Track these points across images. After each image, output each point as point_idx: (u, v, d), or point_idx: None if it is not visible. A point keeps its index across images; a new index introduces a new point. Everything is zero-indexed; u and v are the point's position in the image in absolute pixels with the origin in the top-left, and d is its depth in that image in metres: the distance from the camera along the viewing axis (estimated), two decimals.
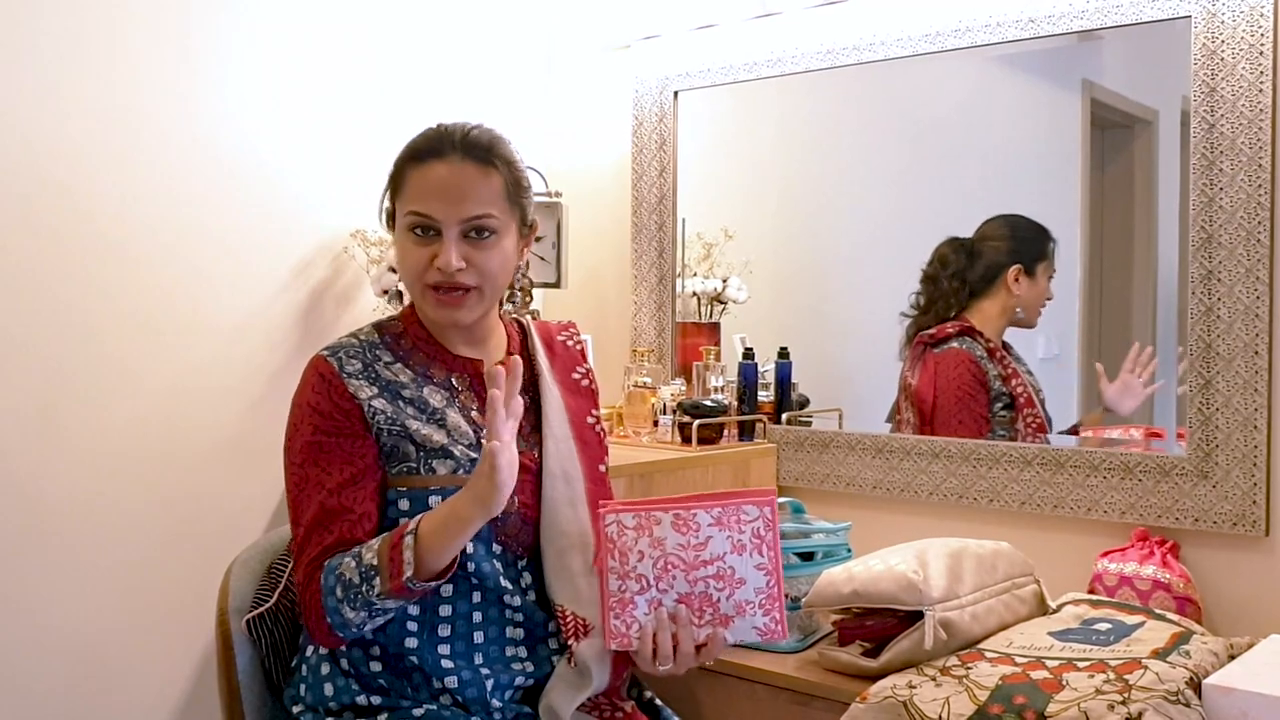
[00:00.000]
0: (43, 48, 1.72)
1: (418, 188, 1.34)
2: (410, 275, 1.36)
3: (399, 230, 1.37)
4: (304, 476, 1.34)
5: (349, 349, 1.39)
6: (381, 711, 1.33)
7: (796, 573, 1.67)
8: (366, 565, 1.27)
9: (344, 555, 1.30)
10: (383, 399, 1.35)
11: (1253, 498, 1.68)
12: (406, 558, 1.25)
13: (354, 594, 1.27)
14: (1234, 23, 1.67)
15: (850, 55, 2.08)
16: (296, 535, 1.34)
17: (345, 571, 1.28)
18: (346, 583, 1.27)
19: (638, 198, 2.36)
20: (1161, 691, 1.32)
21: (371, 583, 1.26)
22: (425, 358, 1.41)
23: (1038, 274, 1.99)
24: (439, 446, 1.35)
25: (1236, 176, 1.68)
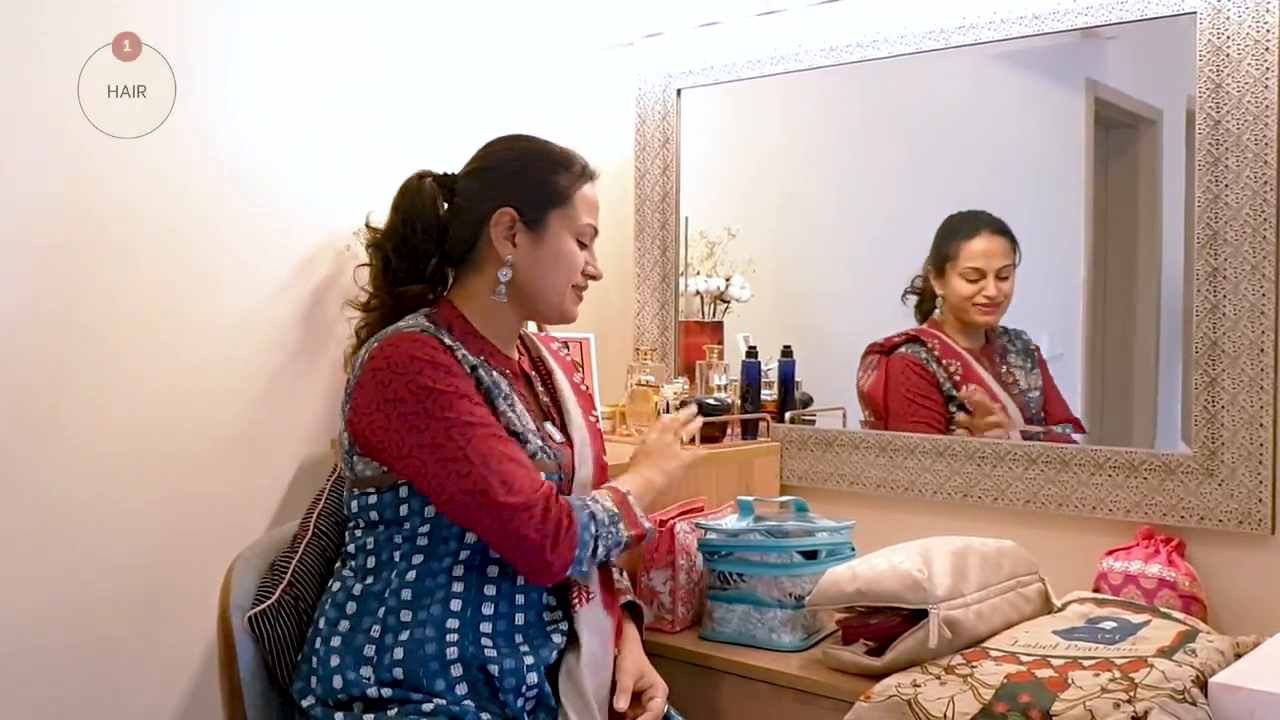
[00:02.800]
0: (42, 47, 1.72)
1: (588, 204, 1.53)
2: (569, 274, 1.52)
3: (564, 235, 1.50)
4: (467, 424, 1.36)
5: (429, 329, 1.43)
6: (392, 705, 1.34)
7: (800, 571, 1.67)
8: (611, 511, 1.45)
9: (579, 499, 1.44)
10: (478, 371, 1.43)
11: (1258, 495, 1.67)
12: (638, 511, 1.48)
13: (606, 532, 1.43)
14: (1239, 18, 1.67)
15: (853, 52, 2.07)
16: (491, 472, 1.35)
17: (596, 512, 1.43)
18: (600, 520, 1.43)
19: (640, 196, 2.36)
20: (1167, 690, 1.32)
21: (618, 525, 1.45)
22: (477, 350, 1.47)
23: (946, 273, 1.99)
24: (519, 430, 1.44)
25: (1242, 173, 1.67)
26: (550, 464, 1.46)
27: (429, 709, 1.33)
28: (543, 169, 1.51)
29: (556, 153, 1.54)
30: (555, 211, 1.50)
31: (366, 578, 1.42)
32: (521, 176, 1.51)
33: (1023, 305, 2.00)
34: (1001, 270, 1.96)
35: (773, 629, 1.66)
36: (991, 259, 1.95)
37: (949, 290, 2.00)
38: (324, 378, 2.06)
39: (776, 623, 1.66)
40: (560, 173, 1.51)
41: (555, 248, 1.50)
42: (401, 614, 1.38)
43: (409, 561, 1.40)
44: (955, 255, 1.98)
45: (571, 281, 1.52)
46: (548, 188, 1.50)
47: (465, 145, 1.62)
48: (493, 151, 1.55)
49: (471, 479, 1.34)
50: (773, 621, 1.66)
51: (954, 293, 1.99)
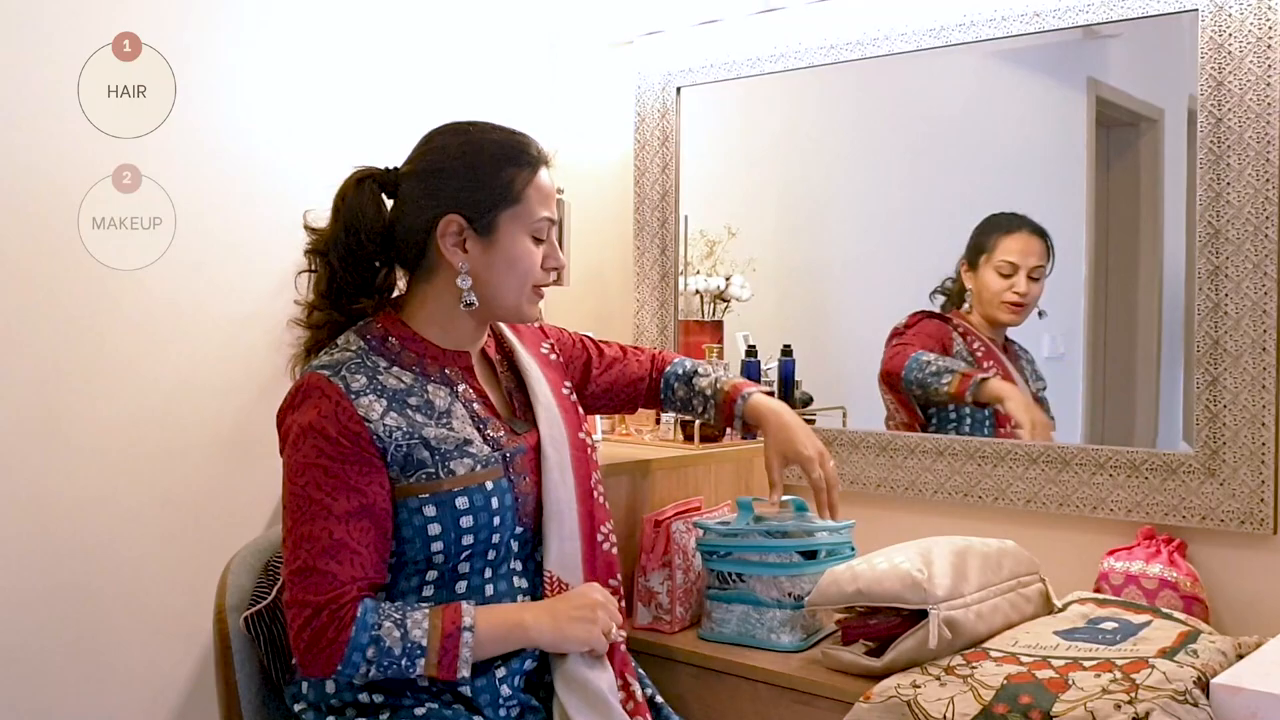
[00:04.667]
0: (41, 46, 1.71)
1: (541, 195, 1.42)
2: (529, 277, 1.43)
3: (518, 234, 1.41)
4: (307, 499, 1.31)
5: (348, 364, 1.36)
6: (384, 710, 1.33)
7: (800, 571, 1.66)
8: (413, 643, 1.29)
9: (379, 614, 1.30)
10: (393, 413, 1.35)
11: (1260, 495, 1.66)
12: (464, 655, 1.30)
13: (388, 661, 1.28)
14: (1241, 15, 1.66)
15: (854, 50, 2.07)
16: (298, 558, 1.30)
17: (385, 637, 1.29)
18: (384, 649, 1.28)
19: (640, 194, 2.35)
20: (1169, 691, 1.31)
21: (415, 660, 1.29)
22: (416, 356, 1.41)
23: (980, 266, 1.98)
24: (454, 447, 1.36)
25: (1244, 171, 1.67)
26: (495, 469, 1.38)
27: (421, 714, 1.33)
28: (489, 166, 1.40)
29: (502, 144, 1.42)
30: (506, 212, 1.40)
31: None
32: (466, 178, 1.39)
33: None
34: (1034, 270, 1.95)
35: (772, 629, 1.66)
36: (1027, 257, 1.95)
37: (980, 283, 1.99)
38: None
39: (776, 623, 1.65)
40: (507, 168, 1.40)
41: (508, 251, 1.40)
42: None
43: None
44: (992, 248, 1.97)
45: (530, 282, 1.43)
46: (496, 187, 1.39)
47: None
48: (434, 148, 1.43)
49: (288, 553, 1.32)
50: (772, 622, 1.65)
51: (985, 286, 1.98)
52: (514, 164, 1.41)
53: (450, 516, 1.35)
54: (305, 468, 1.32)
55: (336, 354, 1.39)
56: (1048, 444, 1.88)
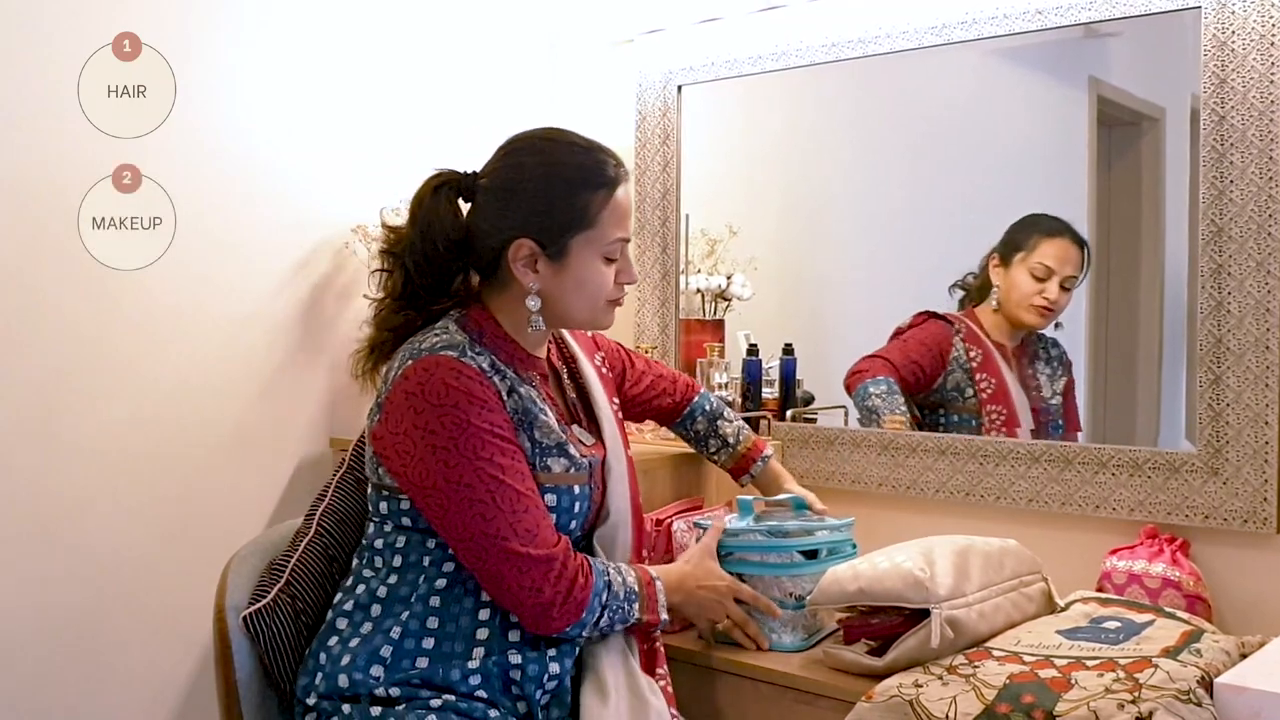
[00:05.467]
0: (41, 46, 1.71)
1: (616, 216, 1.42)
2: (600, 295, 1.44)
3: (591, 258, 1.41)
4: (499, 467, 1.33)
5: (469, 346, 1.38)
6: (399, 702, 1.33)
7: (800, 571, 1.66)
8: (630, 589, 1.43)
9: (601, 563, 1.41)
10: (513, 394, 1.39)
11: (1263, 494, 1.66)
12: (661, 600, 1.46)
13: (615, 605, 1.41)
14: (1244, 13, 1.65)
15: (855, 48, 2.06)
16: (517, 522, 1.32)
17: (614, 582, 1.41)
18: (614, 593, 1.40)
19: (641, 193, 2.35)
20: (1172, 690, 1.30)
21: (631, 604, 1.43)
22: (508, 357, 1.43)
23: (1012, 263, 1.96)
24: (554, 445, 1.41)
25: (1247, 169, 1.66)
26: (583, 475, 1.43)
27: (437, 704, 1.33)
28: (565, 190, 1.39)
29: (580, 166, 1.41)
30: (579, 236, 1.40)
31: (390, 577, 1.40)
32: (541, 201, 1.39)
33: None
34: (1068, 280, 1.92)
35: (773, 629, 1.65)
36: (1064, 264, 1.92)
37: (1009, 282, 1.96)
38: (322, 377, 2.06)
39: (777, 623, 1.65)
40: (583, 192, 1.40)
41: (579, 274, 1.41)
42: (428, 620, 1.36)
43: (439, 569, 1.38)
44: (1031, 248, 1.94)
45: (602, 299, 1.44)
46: (570, 212, 1.39)
47: (466, 143, 1.62)
48: (513, 165, 1.43)
49: (496, 524, 1.32)
50: (773, 621, 1.65)
51: (1015, 286, 1.96)
52: (590, 187, 1.40)
53: None
54: (485, 441, 1.33)
55: (446, 337, 1.39)
56: (1050, 443, 1.87)
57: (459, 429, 1.32)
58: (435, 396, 1.32)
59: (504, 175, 1.43)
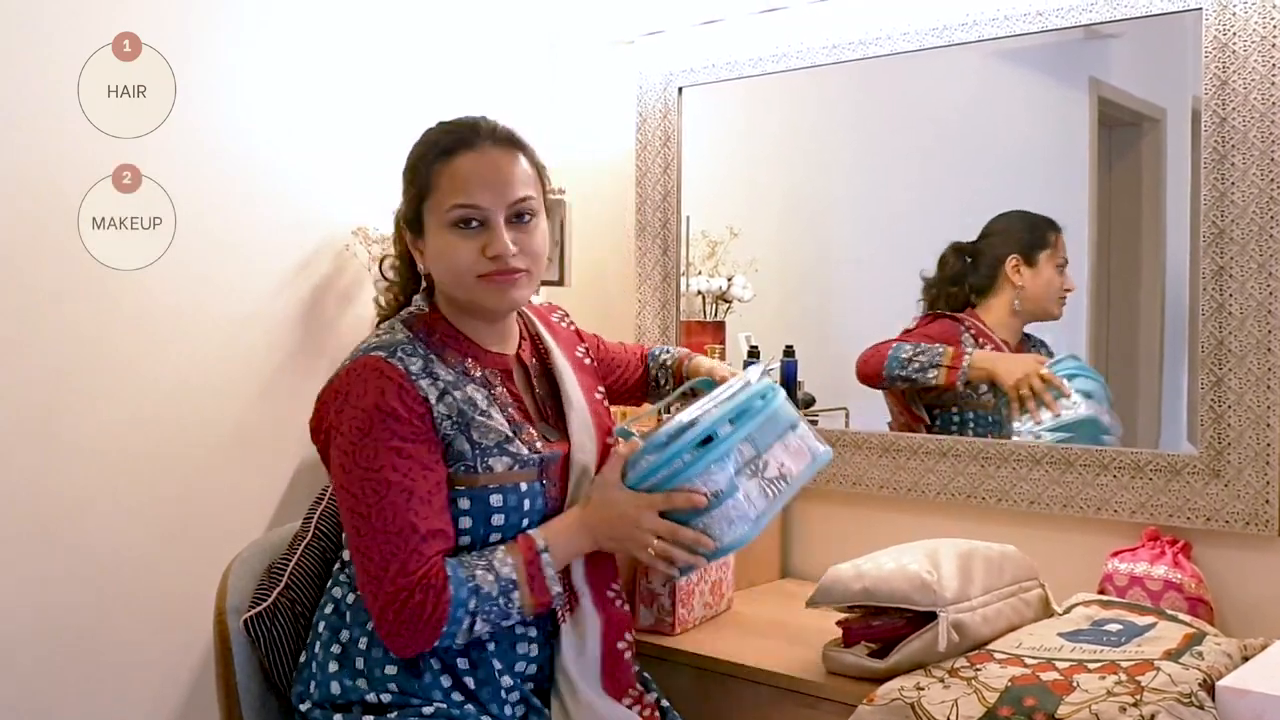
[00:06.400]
0: (41, 46, 1.71)
1: (457, 181, 1.35)
2: (459, 270, 1.37)
3: (437, 227, 1.37)
4: (384, 482, 1.29)
5: (402, 347, 1.37)
6: (391, 709, 1.33)
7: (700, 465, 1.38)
8: (505, 579, 1.31)
9: (467, 565, 1.31)
10: (446, 396, 1.35)
11: (1265, 497, 1.66)
12: (549, 574, 1.33)
13: (490, 605, 1.30)
14: (1246, 14, 1.65)
15: (856, 50, 2.06)
16: (383, 542, 1.28)
17: (481, 583, 1.29)
18: (484, 595, 1.29)
19: (641, 195, 2.35)
20: (1174, 693, 1.30)
21: (510, 595, 1.31)
22: (459, 355, 1.41)
23: (1039, 262, 1.97)
24: (494, 443, 1.36)
25: (1249, 171, 1.66)
26: (530, 472, 1.38)
27: (429, 713, 1.32)
28: (418, 162, 1.39)
29: (437, 140, 1.39)
30: (426, 205, 1.38)
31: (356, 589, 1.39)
32: (405, 178, 1.41)
33: None
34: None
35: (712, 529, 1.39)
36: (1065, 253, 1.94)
37: (1039, 281, 1.96)
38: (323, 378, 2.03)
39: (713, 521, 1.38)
40: (426, 161, 1.38)
41: (433, 245, 1.39)
42: None
43: None
44: (1054, 245, 1.94)
45: (468, 272, 1.36)
46: (418, 181, 1.39)
47: None
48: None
49: (365, 539, 1.30)
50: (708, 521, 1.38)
51: (1044, 283, 1.95)
52: (431, 156, 1.38)
53: (482, 513, 1.35)
54: (379, 451, 1.30)
55: (385, 337, 1.39)
56: (1051, 445, 1.87)
57: (360, 435, 1.31)
58: (354, 398, 1.33)
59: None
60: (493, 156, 1.37)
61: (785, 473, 1.45)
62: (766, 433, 1.45)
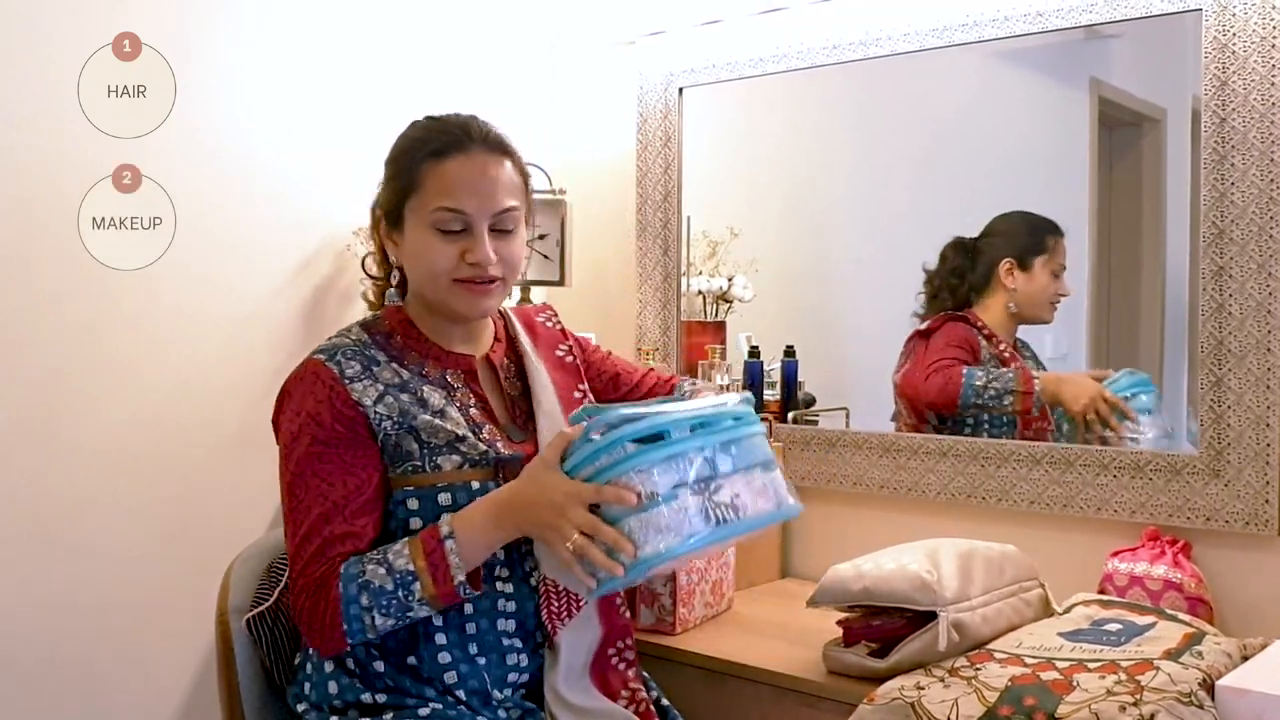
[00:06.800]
0: (41, 46, 1.71)
1: (444, 183, 1.34)
2: (435, 271, 1.36)
3: (419, 226, 1.36)
4: (303, 485, 1.32)
5: (344, 350, 1.37)
6: (387, 710, 1.33)
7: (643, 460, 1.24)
8: (401, 571, 1.27)
9: (361, 562, 1.29)
10: (387, 399, 1.34)
11: (1265, 496, 1.66)
12: (454, 562, 1.26)
13: (385, 600, 1.27)
14: (1246, 15, 1.65)
15: (856, 50, 2.06)
16: (294, 544, 1.32)
17: (373, 578, 1.27)
18: (375, 590, 1.27)
19: (642, 195, 2.35)
20: (1174, 693, 1.30)
21: (410, 588, 1.26)
22: (419, 356, 1.40)
23: (1034, 267, 1.97)
24: (444, 442, 1.35)
25: (1248, 171, 1.66)
26: (485, 471, 1.35)
27: (425, 714, 1.32)
28: (402, 156, 1.38)
29: (424, 138, 1.38)
30: (409, 202, 1.36)
31: None
32: (389, 170, 1.40)
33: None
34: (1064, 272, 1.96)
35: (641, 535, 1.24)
36: (1065, 258, 1.95)
37: (1032, 285, 1.96)
38: None
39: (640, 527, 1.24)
40: (415, 157, 1.36)
41: (412, 244, 1.37)
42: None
43: None
44: (1050, 250, 1.95)
45: (444, 275, 1.35)
46: (402, 176, 1.37)
47: None
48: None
49: (286, 534, 1.35)
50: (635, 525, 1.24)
51: (1038, 287, 1.96)
52: (422, 153, 1.36)
53: (431, 512, 1.33)
54: (302, 455, 1.32)
55: (336, 339, 1.40)
56: (1051, 445, 1.87)
57: (290, 439, 1.34)
58: (292, 400, 1.36)
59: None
60: (482, 161, 1.36)
61: (739, 505, 1.30)
62: (730, 457, 1.32)
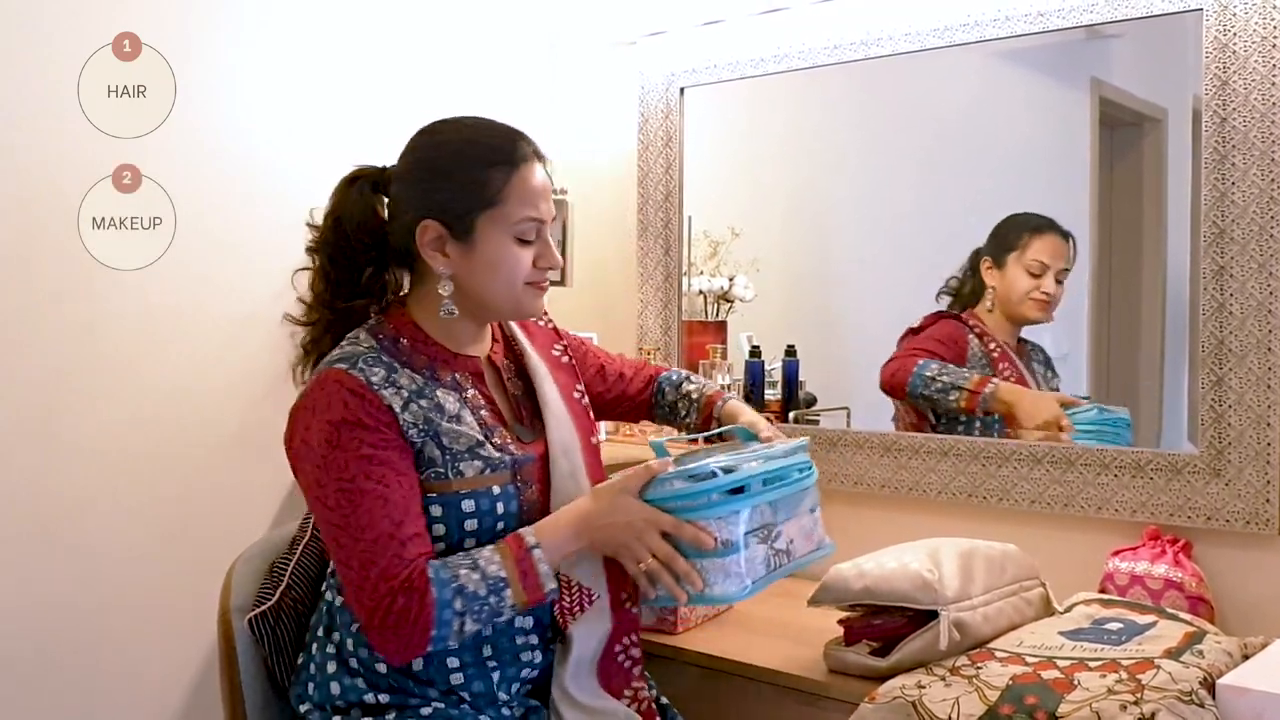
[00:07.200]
0: (41, 46, 1.71)
1: (526, 193, 1.37)
2: (515, 279, 1.38)
3: (500, 237, 1.36)
4: (359, 491, 1.28)
5: (363, 357, 1.35)
6: (390, 710, 1.33)
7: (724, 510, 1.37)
8: (494, 577, 1.29)
9: (448, 566, 1.29)
10: (411, 404, 1.34)
11: (1266, 496, 1.66)
12: (542, 570, 1.30)
13: (478, 605, 1.28)
14: (1246, 15, 1.66)
15: (857, 50, 2.06)
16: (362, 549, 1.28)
17: (466, 583, 1.28)
18: (470, 595, 1.27)
19: (643, 195, 2.35)
20: (1175, 692, 1.30)
21: (501, 594, 1.29)
22: (427, 360, 1.39)
23: (1007, 264, 1.97)
24: (465, 448, 1.35)
25: (1249, 171, 1.66)
26: (503, 475, 1.37)
27: (427, 714, 1.33)
28: (467, 167, 1.36)
29: (483, 143, 1.38)
30: (483, 215, 1.35)
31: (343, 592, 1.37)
32: (445, 180, 1.37)
33: None
34: (1060, 273, 1.94)
35: (708, 576, 1.37)
36: (1056, 259, 1.93)
37: (1005, 282, 1.97)
38: None
39: (711, 570, 1.37)
40: (486, 168, 1.36)
41: (489, 255, 1.36)
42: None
43: None
44: (1023, 247, 1.95)
45: (520, 281, 1.38)
46: (473, 190, 1.35)
47: None
48: (418, 148, 1.41)
49: (345, 551, 1.29)
50: (706, 566, 1.37)
51: (1012, 285, 1.96)
52: (493, 164, 1.36)
53: (455, 518, 1.34)
54: (349, 461, 1.29)
55: (349, 348, 1.37)
56: (1053, 444, 1.87)
57: (329, 447, 1.30)
58: (319, 411, 1.32)
59: (410, 160, 1.41)
60: (541, 169, 1.41)
61: (791, 550, 1.46)
62: (790, 505, 1.46)
